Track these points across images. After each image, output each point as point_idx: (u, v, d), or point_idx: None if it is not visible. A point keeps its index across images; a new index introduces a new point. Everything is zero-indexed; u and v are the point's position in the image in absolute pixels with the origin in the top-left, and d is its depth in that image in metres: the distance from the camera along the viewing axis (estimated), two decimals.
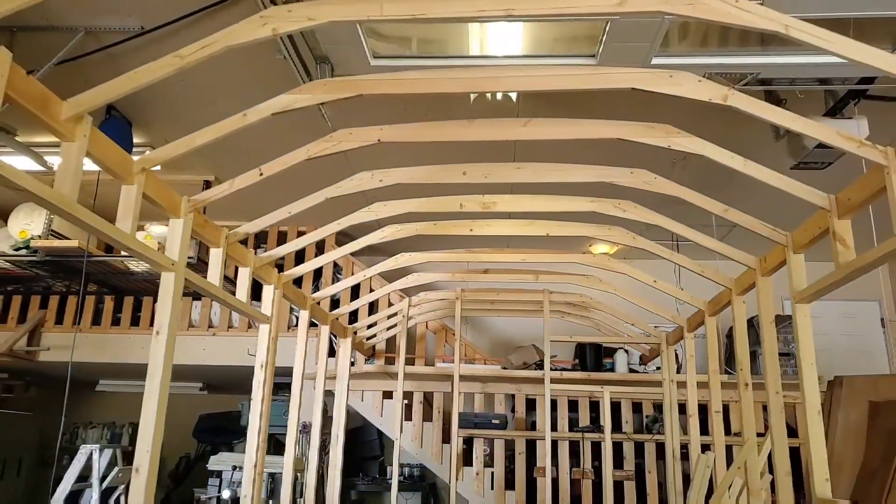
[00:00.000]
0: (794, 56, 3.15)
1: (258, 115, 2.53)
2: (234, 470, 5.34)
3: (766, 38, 3.27)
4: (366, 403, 6.42)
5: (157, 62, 2.17)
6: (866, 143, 2.33)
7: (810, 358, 2.96)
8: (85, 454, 5.13)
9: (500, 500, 6.08)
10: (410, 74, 2.49)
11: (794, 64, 3.17)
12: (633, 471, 6.14)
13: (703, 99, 2.42)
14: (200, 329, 6.94)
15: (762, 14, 2.02)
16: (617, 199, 3.60)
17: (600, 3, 2.08)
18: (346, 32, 2.96)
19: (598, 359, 6.39)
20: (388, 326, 6.15)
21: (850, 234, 2.66)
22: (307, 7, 2.12)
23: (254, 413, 3.74)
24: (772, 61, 3.17)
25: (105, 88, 2.18)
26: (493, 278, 5.20)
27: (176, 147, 2.57)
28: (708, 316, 4.36)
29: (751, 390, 3.69)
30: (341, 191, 3.31)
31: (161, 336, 2.69)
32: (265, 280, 3.86)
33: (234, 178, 2.94)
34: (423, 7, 2.07)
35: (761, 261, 3.45)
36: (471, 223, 4.01)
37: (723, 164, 2.80)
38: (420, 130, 2.90)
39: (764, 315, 3.41)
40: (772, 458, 3.33)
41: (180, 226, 2.86)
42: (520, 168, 3.33)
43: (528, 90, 2.45)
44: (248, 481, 3.65)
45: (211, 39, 2.15)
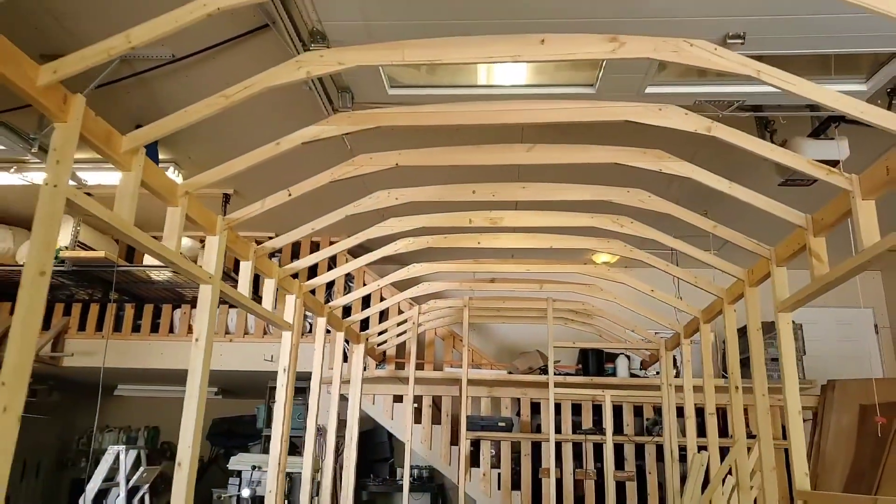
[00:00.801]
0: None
1: (290, 144, 2.82)
2: (253, 470, 5.61)
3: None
4: (377, 407, 6.69)
5: (204, 102, 2.46)
6: (834, 171, 2.60)
7: (792, 363, 3.22)
8: (112, 455, 5.41)
9: (507, 499, 6.33)
10: (425, 108, 2.77)
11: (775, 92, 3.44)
12: (634, 472, 6.38)
13: (688, 130, 2.70)
14: (218, 336, 7.20)
15: (736, 60, 2.29)
16: (615, 214, 3.88)
17: (596, 50, 2.36)
18: (368, 69, 3.25)
19: (600, 364, 6.65)
20: (398, 333, 6.43)
21: (825, 250, 2.93)
22: (337, 53, 2.41)
23: (277, 414, 4.01)
24: (755, 90, 3.45)
25: (159, 125, 2.47)
26: (500, 287, 5.47)
27: (215, 173, 2.86)
28: (702, 323, 4.62)
29: (741, 393, 3.95)
30: (361, 208, 3.60)
31: (200, 342, 2.97)
32: (287, 290, 4.15)
33: (264, 199, 3.23)
34: (440, 53, 2.35)
35: (749, 272, 3.72)
36: (479, 236, 4.29)
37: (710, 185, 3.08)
38: (433, 155, 3.19)
39: (751, 323, 3.68)
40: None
41: (216, 242, 3.14)
42: (525, 187, 3.61)
43: (531, 122, 2.72)
44: (273, 479, 3.93)
45: (252, 81, 2.44)
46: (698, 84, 3.49)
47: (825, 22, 2.59)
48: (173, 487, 2.81)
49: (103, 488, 5.37)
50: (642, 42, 2.33)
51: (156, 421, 9.96)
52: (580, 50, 2.36)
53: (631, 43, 2.33)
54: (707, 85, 3.49)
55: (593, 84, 3.45)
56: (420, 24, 2.84)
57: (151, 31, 2.06)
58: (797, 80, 2.27)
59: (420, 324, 6.11)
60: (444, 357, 7.16)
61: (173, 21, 2.05)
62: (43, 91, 2.02)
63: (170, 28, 2.06)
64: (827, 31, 2.81)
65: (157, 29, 2.06)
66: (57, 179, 2.06)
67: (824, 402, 6.39)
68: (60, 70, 2.03)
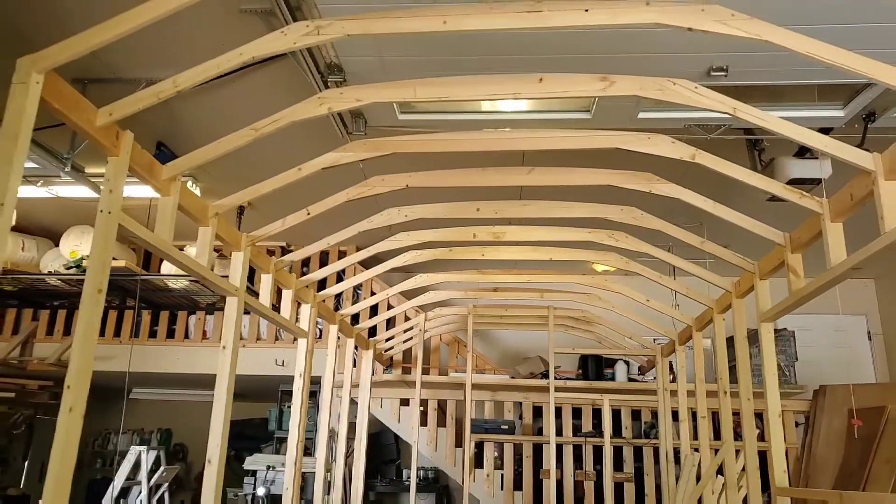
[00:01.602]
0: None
1: (311, 169, 3.09)
2: (267, 469, 5.88)
3: (738, 95, 3.80)
4: (384, 410, 6.95)
5: (235, 134, 2.74)
6: (806, 195, 2.87)
7: (773, 369, 3.48)
8: (134, 455, 5.69)
9: (509, 500, 6.58)
10: (435, 136, 3.05)
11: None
12: (632, 473, 6.63)
13: (674, 157, 2.97)
14: None
15: (715, 98, 2.56)
16: (611, 230, 4.14)
17: (588, 88, 2.63)
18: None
19: (600, 369, 6.90)
20: (405, 339, 6.69)
21: (801, 266, 3.19)
22: (355, 91, 2.69)
23: (293, 416, 4.28)
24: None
25: (193, 156, 2.76)
26: (502, 296, 5.74)
27: (241, 196, 3.14)
28: (695, 331, 4.88)
29: (729, 398, 4.20)
30: (373, 224, 3.87)
31: (227, 349, 3.25)
32: (303, 300, 4.42)
33: (285, 218, 3.51)
34: (447, 91, 2.63)
35: (736, 285, 3.98)
36: (482, 249, 4.55)
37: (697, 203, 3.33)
38: (441, 177, 3.46)
39: (738, 332, 3.93)
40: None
41: (241, 258, 3.42)
42: (526, 205, 3.88)
43: (530, 149, 2.99)
44: (290, 478, 4.19)
45: (279, 116, 2.71)
46: (687, 110, 3.75)
47: (799, 57, 2.85)
48: (204, 480, 3.08)
49: (125, 486, 5.64)
50: (630, 81, 2.60)
51: (168, 423, 10.25)
52: (574, 88, 2.63)
53: (620, 82, 2.60)
54: (695, 111, 3.75)
55: (589, 110, 3.72)
56: (429, 61, 3.11)
57: (195, 76, 2.34)
58: (768, 117, 2.53)
59: (426, 330, 6.37)
60: (450, 362, 7.42)
61: (215, 67, 2.33)
62: (100, 130, 2.30)
63: (212, 74, 2.34)
64: (801, 64, 3.06)
65: (200, 75, 2.33)
66: (111, 207, 2.34)
67: (816, 407, 6.64)
68: (115, 112, 2.30)
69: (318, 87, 3.42)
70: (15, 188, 1.89)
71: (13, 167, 1.88)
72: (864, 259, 2.48)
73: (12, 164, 1.89)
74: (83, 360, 2.18)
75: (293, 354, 5.60)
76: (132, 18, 2.05)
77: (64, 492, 2.09)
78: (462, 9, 2.23)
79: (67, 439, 2.12)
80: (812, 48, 2.07)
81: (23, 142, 1.94)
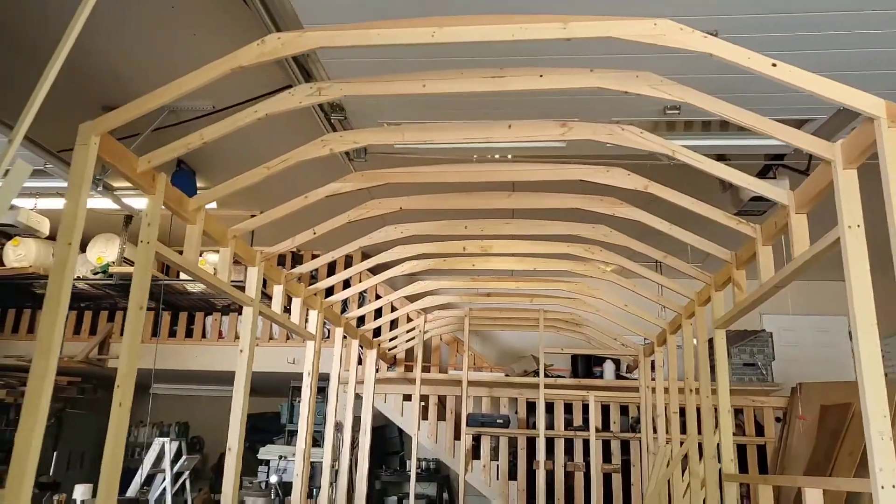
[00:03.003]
0: (711, 140, 4.15)
1: (316, 197, 3.58)
2: (279, 459, 6.40)
3: (700, 125, 4.24)
4: (388, 405, 7.44)
5: (250, 173, 3.22)
6: (742, 221, 3.32)
7: (724, 369, 3.92)
8: (158, 445, 6.21)
9: (504, 489, 7.06)
10: (423, 168, 3.52)
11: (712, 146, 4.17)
12: (619, 465, 7.08)
13: (629, 188, 3.42)
14: None
15: (659, 142, 3.01)
16: (587, 245, 4.60)
17: (551, 133, 3.10)
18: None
19: (589, 367, 7.36)
20: (407, 339, 7.18)
21: (744, 280, 3.64)
22: (353, 134, 3.18)
23: (302, 412, 4.78)
24: (696, 143, 4.14)
25: (215, 191, 3.25)
26: (495, 301, 6.21)
27: (257, 221, 3.63)
28: (669, 334, 5.33)
29: (695, 395, 4.65)
30: (373, 241, 4.35)
31: (244, 353, 3.75)
32: (311, 306, 4.91)
33: (294, 237, 3.99)
34: (430, 136, 3.10)
35: (698, 294, 4.42)
36: (472, 260, 5.03)
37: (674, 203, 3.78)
38: (431, 201, 3.93)
39: (700, 335, 4.38)
40: (720, 450, 4.22)
41: (255, 272, 3.91)
42: (508, 223, 4.35)
43: (507, 180, 3.46)
44: (300, 467, 4.70)
45: (288, 156, 3.19)
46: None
47: (746, 97, 3.29)
48: (225, 465, 3.58)
49: (150, 474, 6.16)
50: (584, 127, 3.06)
51: (185, 417, 10.80)
52: (538, 133, 3.10)
53: (576, 128, 3.07)
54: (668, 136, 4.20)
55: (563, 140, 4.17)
56: (416, 106, 3.59)
57: (218, 130, 2.82)
58: (703, 159, 2.99)
59: (426, 331, 6.86)
60: (449, 360, 7.91)
61: (233, 123, 2.81)
62: (140, 175, 2.79)
63: (231, 129, 2.82)
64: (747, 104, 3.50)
65: (222, 129, 2.81)
66: (149, 237, 2.83)
67: (792, 403, 7.06)
68: (153, 161, 2.80)
69: (323, 123, 3.90)
70: (81, 226, 2.39)
71: (79, 212, 2.38)
72: (783, 278, 2.94)
73: (78, 208, 2.38)
74: (129, 364, 2.68)
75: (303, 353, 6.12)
76: (163, 94, 2.54)
77: (116, 473, 2.58)
78: (438, 73, 2.69)
79: (118, 429, 2.62)
80: (721, 108, 2.52)
81: (85, 191, 2.43)
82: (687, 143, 4.19)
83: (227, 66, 2.48)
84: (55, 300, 2.28)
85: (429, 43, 2.37)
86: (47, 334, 2.26)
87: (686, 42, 2.26)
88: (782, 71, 2.19)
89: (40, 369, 2.23)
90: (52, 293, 2.29)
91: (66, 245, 2.34)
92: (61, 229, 2.36)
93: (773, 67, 2.20)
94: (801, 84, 2.17)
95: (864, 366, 2.24)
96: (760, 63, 2.21)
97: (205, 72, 2.49)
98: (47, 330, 2.27)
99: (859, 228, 2.31)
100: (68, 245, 2.35)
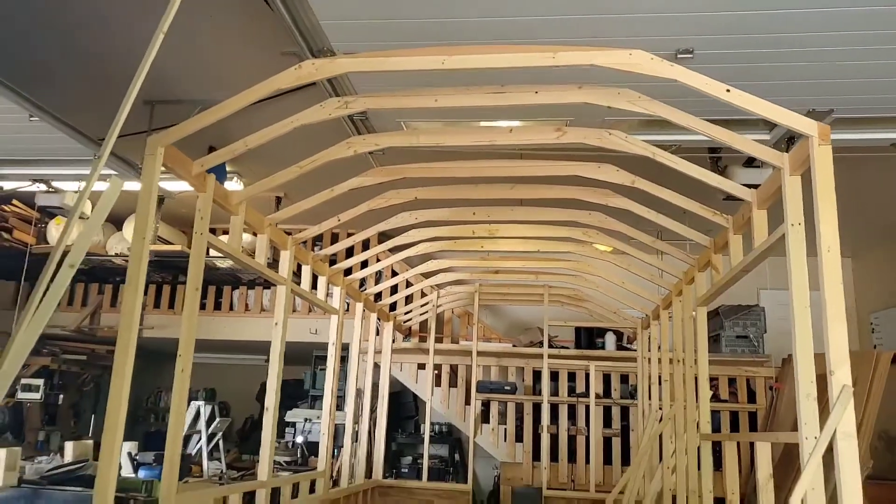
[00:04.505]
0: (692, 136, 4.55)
1: (341, 190, 4.06)
2: (305, 422, 7.00)
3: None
4: (404, 373, 7.99)
5: (286, 171, 3.70)
6: (717, 213, 3.77)
7: (704, 344, 4.38)
8: (194, 408, 6.82)
9: (511, 450, 7.62)
10: (435, 164, 3.98)
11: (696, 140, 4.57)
12: (619, 429, 7.61)
13: (619, 182, 3.87)
14: (270, 313, 8.56)
15: (640, 146, 3.45)
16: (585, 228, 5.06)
17: (547, 136, 3.55)
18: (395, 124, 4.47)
19: (591, 339, 7.86)
20: (421, 312, 7.71)
21: (721, 264, 4.10)
22: (374, 137, 3.64)
23: (328, 377, 5.32)
24: (683, 138, 4.54)
25: (255, 187, 3.73)
26: (503, 277, 6.70)
27: (289, 211, 4.12)
28: (661, 309, 5.80)
29: (681, 365, 5.13)
30: (389, 226, 4.83)
31: (279, 326, 4.27)
32: (334, 283, 5.42)
33: (320, 223, 4.49)
34: (443, 139, 3.57)
35: (684, 274, 4.88)
36: (481, 242, 5.50)
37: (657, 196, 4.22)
38: (443, 191, 4.40)
39: (686, 313, 4.84)
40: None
41: (287, 256, 4.42)
42: (513, 209, 4.82)
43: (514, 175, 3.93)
44: (325, 427, 5.26)
45: (317, 156, 3.66)
46: (644, 133, 4.62)
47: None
48: (264, 421, 4.13)
49: (186, 435, 6.78)
50: (576, 131, 3.51)
51: (212, 384, 11.47)
52: (536, 137, 3.56)
53: (570, 132, 3.52)
54: (649, 134, 4.61)
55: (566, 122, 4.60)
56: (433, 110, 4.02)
57: (261, 138, 3.30)
58: (678, 160, 3.43)
59: (439, 305, 7.37)
60: (460, 332, 8.43)
61: (274, 131, 3.28)
62: (194, 177, 3.29)
63: (271, 136, 3.29)
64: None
65: (263, 137, 3.29)
66: (202, 229, 3.33)
67: (782, 373, 7.53)
68: (206, 164, 3.28)
69: (345, 121, 4.36)
70: (153, 224, 2.89)
71: (150, 212, 2.88)
72: (748, 263, 3.39)
73: (149, 209, 2.88)
74: (188, 336, 3.21)
75: (324, 324, 6.67)
76: (217, 112, 3.01)
77: (179, 432, 3.12)
78: (448, 90, 3.14)
79: (181, 392, 3.16)
80: (687, 121, 2.96)
81: (154, 194, 2.93)
82: (673, 137, 4.63)
83: (268, 89, 2.95)
84: (134, 285, 2.80)
85: (439, 69, 2.82)
86: (129, 312, 2.78)
87: (656, 70, 2.69)
88: (734, 96, 2.62)
89: (125, 340, 2.76)
90: (132, 278, 2.81)
91: (141, 239, 2.85)
92: (136, 226, 2.87)
93: (727, 93, 2.63)
94: (750, 108, 2.61)
95: (798, 340, 2.71)
96: (716, 88, 2.64)
97: (250, 94, 2.98)
98: (129, 308, 2.79)
99: (800, 226, 2.76)
100: (143, 239, 2.85)
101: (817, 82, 3.73)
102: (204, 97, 5.56)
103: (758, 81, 3.83)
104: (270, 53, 4.68)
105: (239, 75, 5.15)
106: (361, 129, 4.93)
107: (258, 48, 4.65)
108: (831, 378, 2.39)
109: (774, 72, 3.67)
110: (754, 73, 3.67)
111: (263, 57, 4.71)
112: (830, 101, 3.90)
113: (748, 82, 3.85)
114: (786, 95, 3.98)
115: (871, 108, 4.01)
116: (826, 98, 3.86)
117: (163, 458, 5.51)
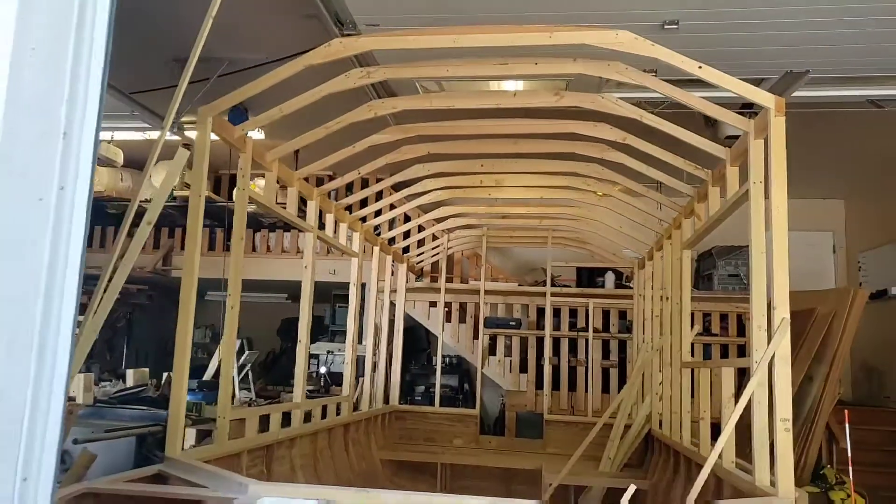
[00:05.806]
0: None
1: (362, 146, 4.51)
2: (327, 354, 7.65)
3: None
4: (416, 310, 8.58)
5: (312, 132, 4.15)
6: (699, 168, 4.21)
7: (688, 284, 4.89)
8: None
9: (516, 380, 8.27)
10: (447, 123, 4.42)
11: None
12: (616, 361, 8.23)
13: (611, 139, 4.30)
14: (290, 254, 9.15)
15: (631, 110, 3.87)
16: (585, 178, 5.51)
17: (548, 99, 3.97)
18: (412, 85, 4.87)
19: (592, 278, 8.40)
20: (432, 255, 8.24)
21: (704, 212, 4.56)
22: (392, 101, 4.08)
23: (350, 314, 5.89)
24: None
25: (285, 146, 4.19)
26: (509, 222, 7.19)
27: (315, 167, 4.60)
28: (654, 251, 6.29)
29: (668, 302, 5.65)
30: (405, 177, 5.30)
31: (308, 268, 4.81)
32: (354, 229, 5.94)
33: (343, 176, 4.96)
34: (454, 102, 4.01)
35: (674, 220, 5.34)
36: (488, 190, 5.97)
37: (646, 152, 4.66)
38: (453, 146, 4.84)
39: (674, 255, 5.32)
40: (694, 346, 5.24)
41: (314, 205, 4.92)
42: (517, 162, 5.27)
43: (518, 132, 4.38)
44: (349, 357, 5.87)
45: (342, 118, 4.10)
46: (637, 91, 5.00)
47: (714, 60, 4.11)
48: (297, 354, 4.71)
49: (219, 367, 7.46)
50: (573, 96, 3.94)
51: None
52: (537, 100, 3.98)
53: (567, 96, 3.94)
54: (642, 92, 5.00)
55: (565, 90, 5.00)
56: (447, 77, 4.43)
57: (294, 104, 3.73)
58: (663, 122, 3.85)
59: (449, 247, 7.90)
60: (469, 272, 8.98)
61: (304, 99, 3.71)
62: (237, 139, 3.75)
63: (302, 104, 3.72)
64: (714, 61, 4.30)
65: (296, 104, 3.72)
66: (244, 185, 3.81)
67: None
68: (245, 128, 3.74)
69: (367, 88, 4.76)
70: (205, 183, 3.38)
71: (203, 174, 3.36)
72: (721, 214, 3.85)
73: (202, 172, 3.37)
74: (236, 277, 3.74)
75: (342, 265, 7.20)
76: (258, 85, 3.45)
77: (230, 362, 3.69)
78: (458, 62, 3.56)
79: (231, 326, 3.72)
80: (666, 90, 3.38)
81: (206, 158, 3.41)
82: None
83: (301, 65, 3.38)
84: (193, 236, 3.31)
85: (452, 46, 3.24)
86: (190, 259, 3.31)
87: (639, 48, 3.10)
88: (705, 72, 3.04)
89: (188, 284, 3.30)
90: (192, 230, 3.32)
91: (198, 197, 3.35)
92: (192, 186, 3.37)
93: (699, 69, 3.05)
94: (717, 82, 3.03)
95: (754, 280, 3.18)
96: (689, 65, 3.06)
97: (285, 69, 3.42)
98: (190, 256, 3.31)
99: (760, 184, 3.21)
100: (199, 197, 3.35)
101: (793, 48, 4.11)
102: (231, 55, 5.96)
103: (739, 47, 4.23)
104: (293, 16, 5.08)
105: (263, 36, 5.57)
106: (381, 92, 5.35)
107: (281, 11, 5.02)
108: (773, 312, 2.88)
109: (754, 38, 4.05)
110: (736, 41, 4.05)
111: (286, 20, 5.11)
112: (806, 63, 4.28)
113: (730, 48, 4.27)
114: (766, 59, 4.37)
115: (844, 69, 4.39)
116: (801, 61, 4.24)
117: (204, 384, 6.19)
